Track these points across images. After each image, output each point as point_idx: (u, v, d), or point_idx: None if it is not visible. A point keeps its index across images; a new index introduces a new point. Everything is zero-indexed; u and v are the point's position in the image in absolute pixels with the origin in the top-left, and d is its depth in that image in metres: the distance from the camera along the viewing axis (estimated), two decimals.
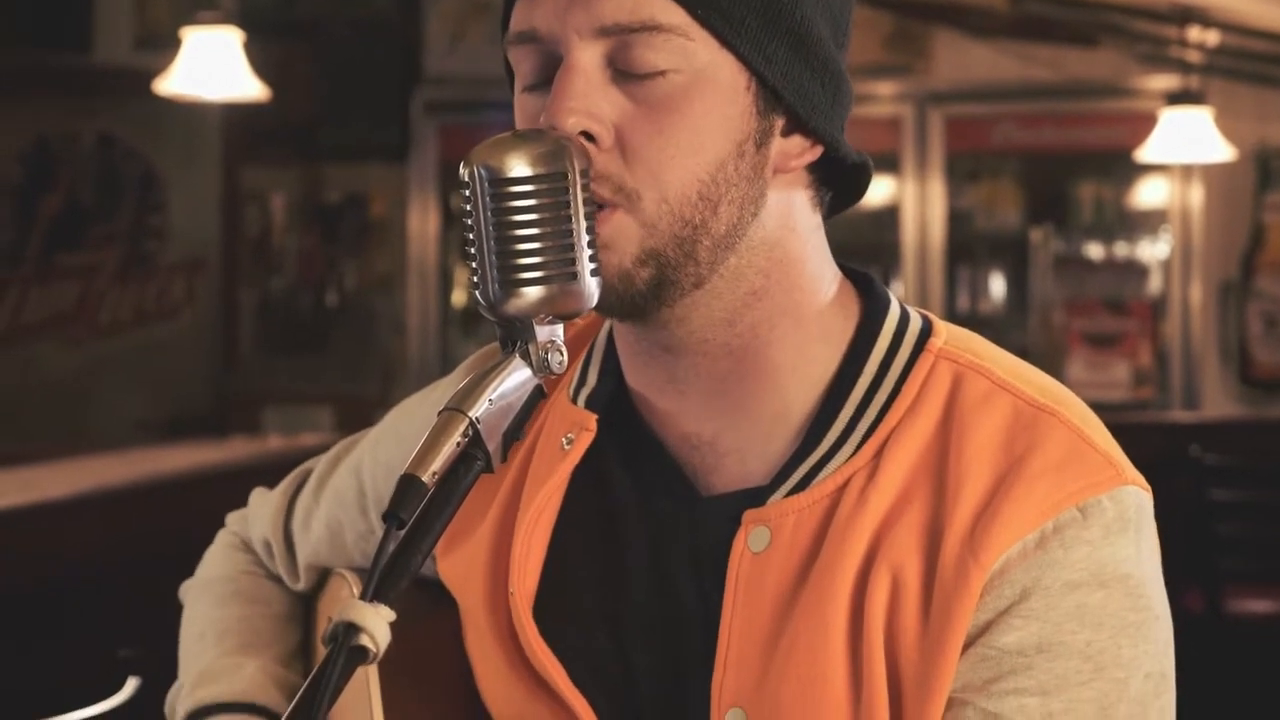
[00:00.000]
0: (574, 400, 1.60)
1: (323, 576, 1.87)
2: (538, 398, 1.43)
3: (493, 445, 1.39)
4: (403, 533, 1.35)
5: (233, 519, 1.96)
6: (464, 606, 1.64)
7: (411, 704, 1.63)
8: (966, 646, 1.42)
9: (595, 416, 1.57)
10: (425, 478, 1.34)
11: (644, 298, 1.46)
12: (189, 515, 2.23)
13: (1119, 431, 1.53)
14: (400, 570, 1.34)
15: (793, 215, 1.52)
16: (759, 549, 1.49)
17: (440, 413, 1.38)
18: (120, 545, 4.09)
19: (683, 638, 1.53)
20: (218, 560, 1.93)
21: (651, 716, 1.53)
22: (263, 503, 1.90)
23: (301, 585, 1.87)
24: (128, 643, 2.86)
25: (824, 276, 1.53)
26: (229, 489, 1.98)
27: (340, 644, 1.27)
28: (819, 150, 1.51)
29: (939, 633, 1.42)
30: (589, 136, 1.44)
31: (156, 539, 2.97)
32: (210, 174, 8.50)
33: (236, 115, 8.06)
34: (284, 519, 1.86)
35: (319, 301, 8.44)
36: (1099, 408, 1.56)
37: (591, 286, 1.41)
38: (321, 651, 1.31)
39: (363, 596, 1.30)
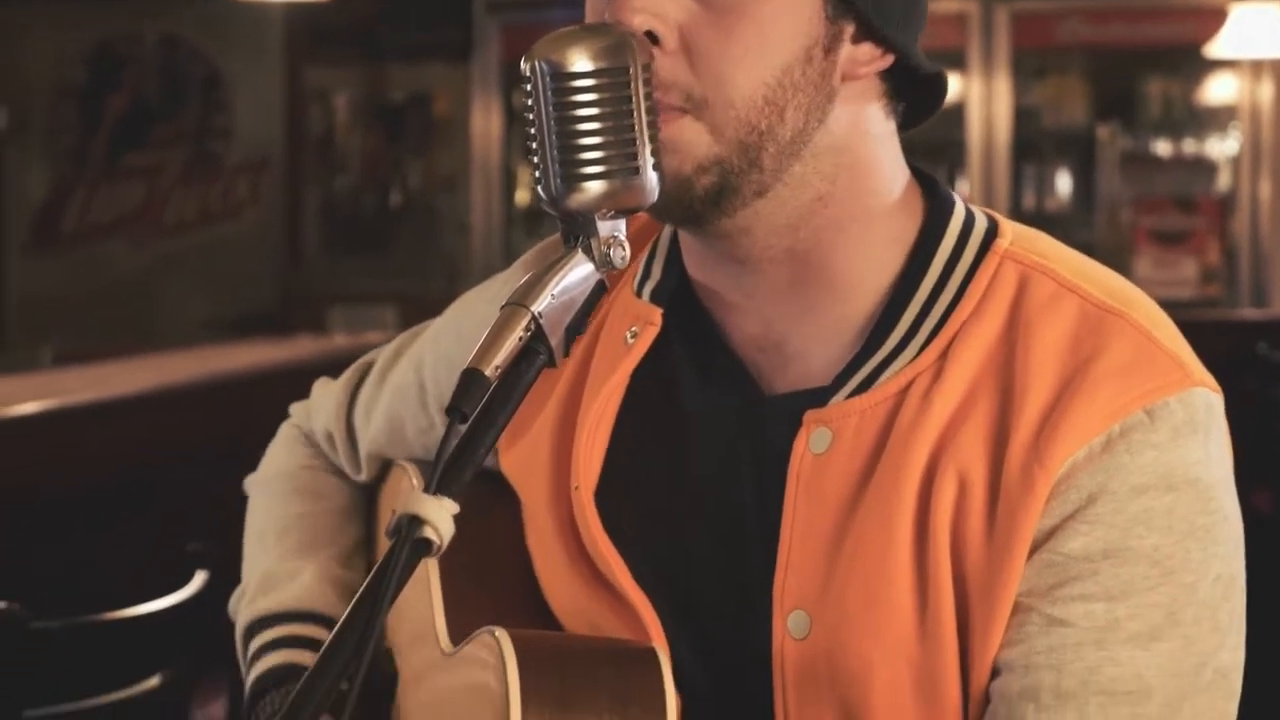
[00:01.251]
0: (638, 294, 1.59)
1: (384, 468, 1.88)
2: (600, 293, 1.42)
3: (555, 340, 1.39)
4: (465, 427, 1.35)
5: (296, 409, 1.97)
6: (526, 501, 1.64)
7: (471, 598, 1.64)
8: (1032, 552, 1.40)
9: (660, 310, 1.56)
10: (488, 372, 1.34)
11: (703, 204, 1.45)
12: (254, 412, 2.24)
13: (1186, 329, 1.51)
14: (463, 464, 1.34)
15: (862, 122, 1.50)
16: (820, 450, 1.48)
17: (502, 308, 1.38)
18: (187, 442, 4.13)
19: (744, 539, 1.52)
20: (280, 454, 1.94)
21: (712, 617, 1.53)
22: (325, 394, 1.90)
23: (364, 476, 1.88)
24: (196, 537, 2.89)
25: (893, 181, 1.52)
26: (294, 387, 1.99)
27: (404, 537, 1.28)
28: (889, 59, 1.49)
29: (1004, 538, 1.41)
30: (653, 37, 1.43)
31: (223, 436, 2.99)
32: (273, 74, 8.51)
33: (299, 14, 8.05)
34: (346, 411, 1.86)
35: (383, 201, 8.46)
36: (1166, 305, 1.54)
37: (653, 181, 1.40)
38: (384, 544, 1.32)
39: (426, 489, 1.30)
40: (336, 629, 1.25)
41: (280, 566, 1.81)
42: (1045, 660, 1.40)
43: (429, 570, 1.66)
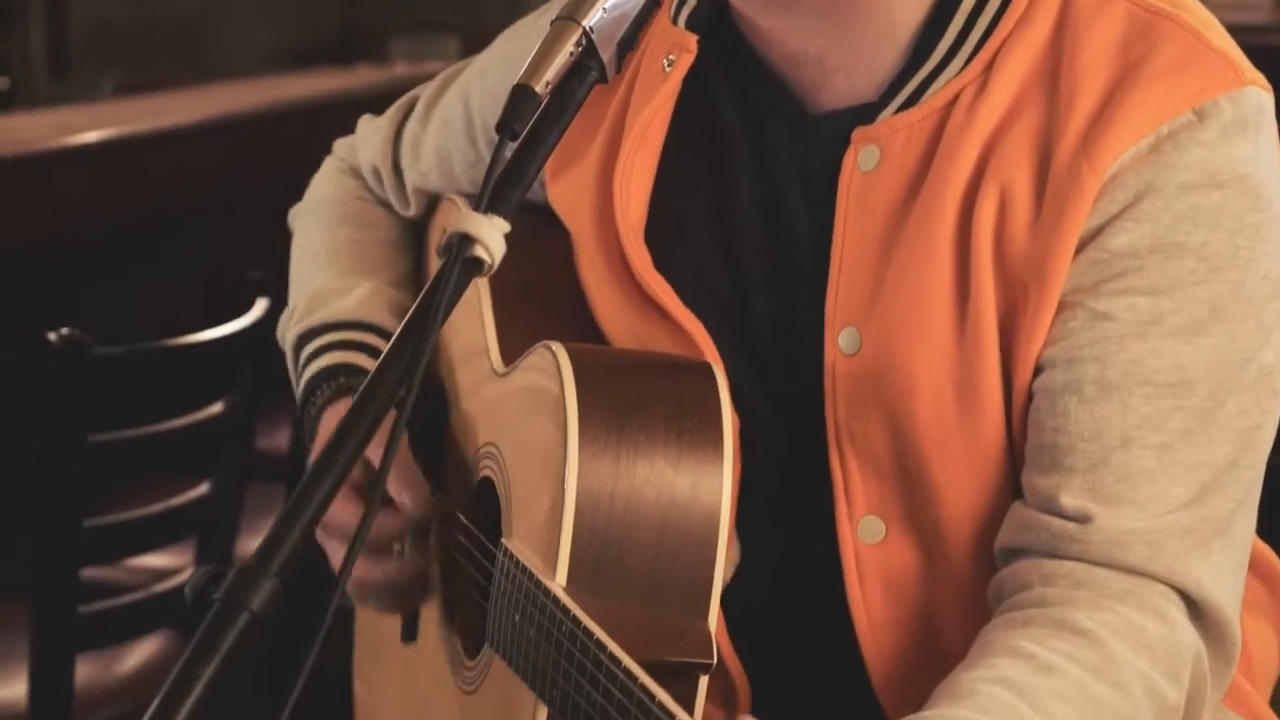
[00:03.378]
0: (674, 21, 1.57)
1: (432, 203, 1.87)
2: (653, 6, 1.41)
3: (606, 55, 1.37)
4: (516, 144, 1.34)
5: (340, 146, 1.96)
6: (574, 232, 1.63)
7: (522, 320, 1.64)
8: (1078, 252, 1.41)
9: (695, 36, 1.54)
10: (538, 88, 1.33)
11: None
12: (315, 141, 2.23)
13: (1257, 55, 1.49)
14: (514, 182, 1.32)
15: None
16: (869, 167, 1.48)
17: (552, 22, 1.36)
18: (248, 171, 4.13)
19: (794, 258, 1.52)
20: (327, 185, 1.93)
21: (764, 337, 1.54)
22: (371, 130, 1.89)
23: (411, 211, 1.87)
24: (257, 265, 2.89)
25: None
26: (354, 116, 1.97)
27: (455, 255, 1.27)
28: None
29: (1050, 239, 1.41)
30: None
31: (284, 164, 2.98)
32: None
33: None
34: (392, 146, 1.85)
35: None
36: (1235, 30, 1.51)
37: None
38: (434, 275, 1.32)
39: (476, 208, 1.29)
40: (391, 343, 1.26)
41: (331, 285, 1.81)
42: (1089, 354, 1.40)
43: (480, 292, 1.65)
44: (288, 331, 1.83)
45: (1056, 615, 1.37)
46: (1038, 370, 1.43)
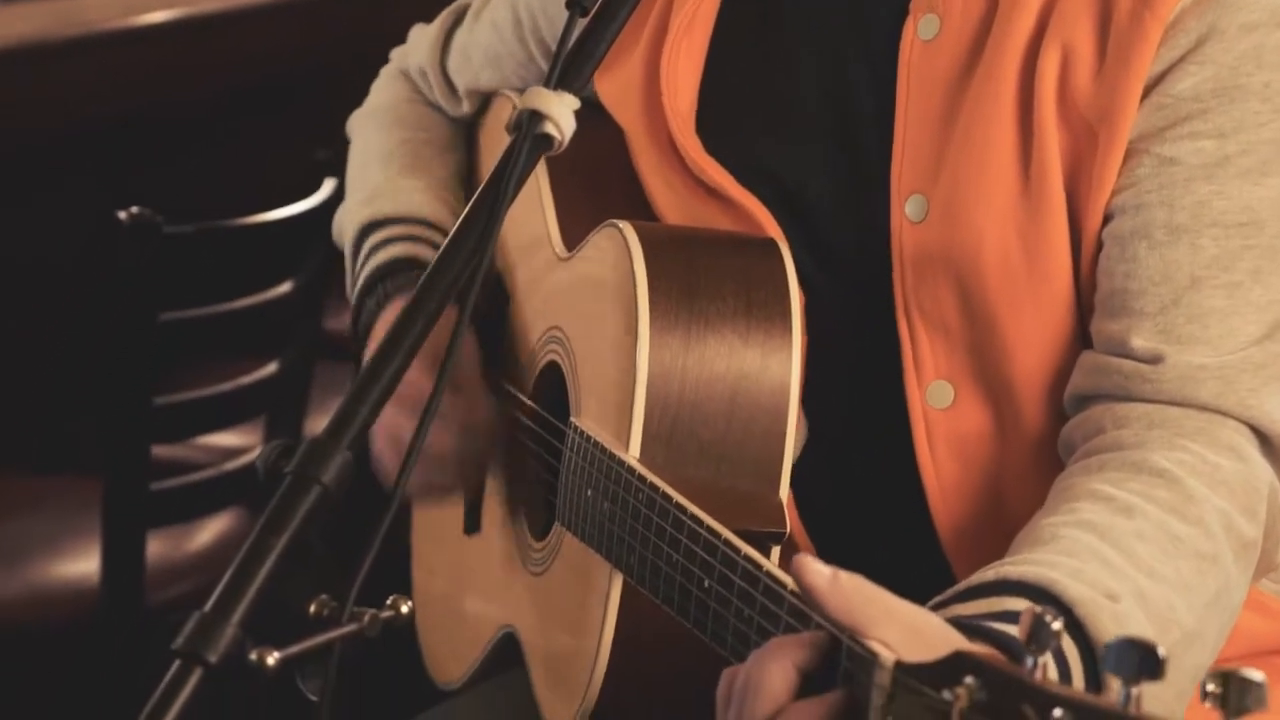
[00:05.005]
0: None
1: (485, 103, 1.88)
2: None
3: None
4: (585, 20, 1.34)
5: (395, 54, 1.98)
6: (624, 125, 1.63)
7: (582, 208, 1.64)
8: (1143, 98, 1.41)
9: None
10: None
11: None
12: (381, 20, 2.23)
13: None
14: (584, 58, 1.32)
15: None
16: (929, 36, 1.48)
17: None
18: (315, 51, 4.12)
19: (856, 133, 1.52)
20: (382, 91, 1.96)
21: (825, 213, 1.54)
22: (421, 36, 1.91)
23: (465, 108, 1.88)
24: (325, 145, 2.89)
25: None
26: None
27: (525, 131, 1.27)
28: None
29: (1115, 87, 1.41)
30: None
31: (349, 43, 2.98)
32: None
33: None
34: (439, 53, 1.87)
35: None
36: None
37: None
38: (484, 179, 1.32)
39: (546, 84, 1.29)
40: (459, 222, 1.26)
41: (388, 184, 1.83)
42: (1157, 198, 1.40)
43: (539, 180, 1.66)
44: (345, 225, 1.84)
45: (1133, 457, 1.38)
46: (1106, 218, 1.44)
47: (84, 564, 2.75)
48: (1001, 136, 1.44)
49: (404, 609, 1.17)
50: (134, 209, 2.51)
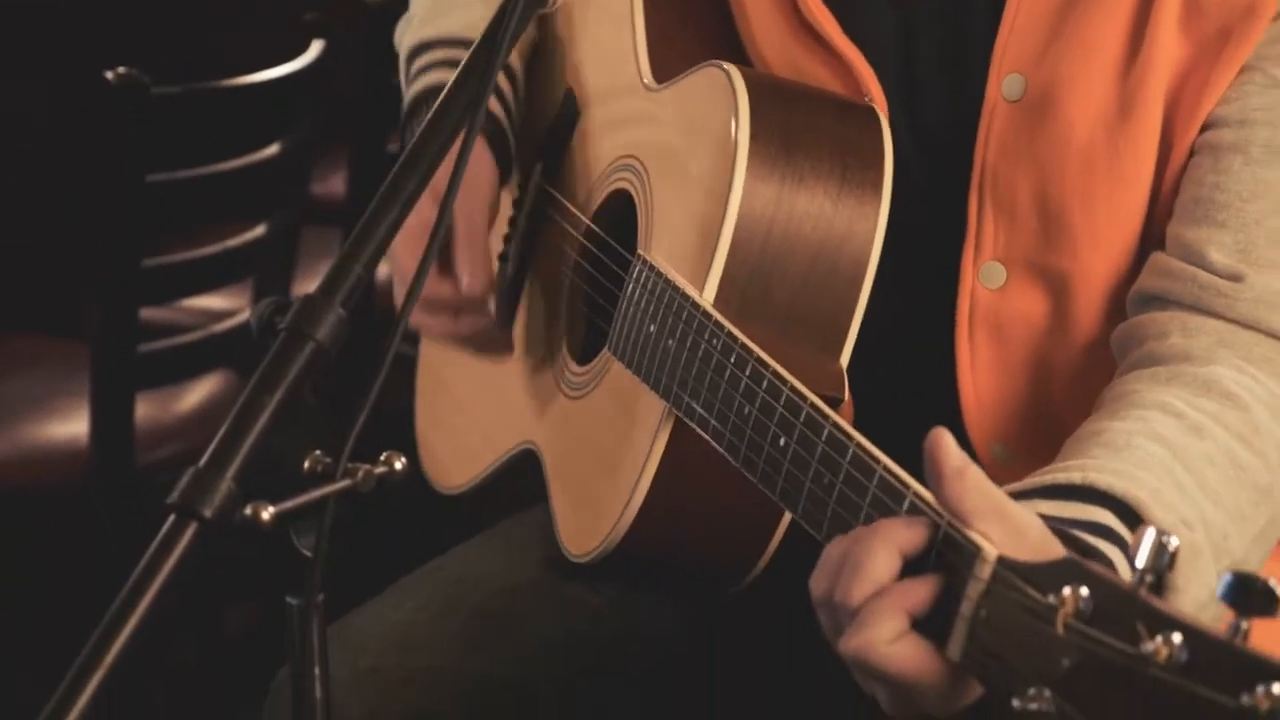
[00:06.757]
0: None
1: None
2: None
3: None
4: None
5: None
6: None
7: (676, 39, 1.62)
8: (1274, 19, 1.41)
9: None
10: None
11: None
12: None
13: None
14: None
15: None
16: None
17: None
18: None
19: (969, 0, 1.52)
20: None
21: (925, 75, 1.54)
22: None
23: None
24: (313, 7, 2.87)
25: None
26: None
27: None
28: None
29: (1241, 8, 1.41)
30: None
31: None
32: None
33: None
34: None
35: None
36: None
37: None
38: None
39: None
40: (480, 39, 1.27)
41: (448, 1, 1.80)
42: (1263, 117, 1.41)
43: (633, 4, 1.64)
44: (404, 38, 1.82)
45: (1203, 375, 1.37)
46: (1204, 127, 1.43)
47: (73, 425, 2.76)
48: (1113, 34, 1.43)
49: (398, 465, 1.17)
50: (121, 69, 2.49)
